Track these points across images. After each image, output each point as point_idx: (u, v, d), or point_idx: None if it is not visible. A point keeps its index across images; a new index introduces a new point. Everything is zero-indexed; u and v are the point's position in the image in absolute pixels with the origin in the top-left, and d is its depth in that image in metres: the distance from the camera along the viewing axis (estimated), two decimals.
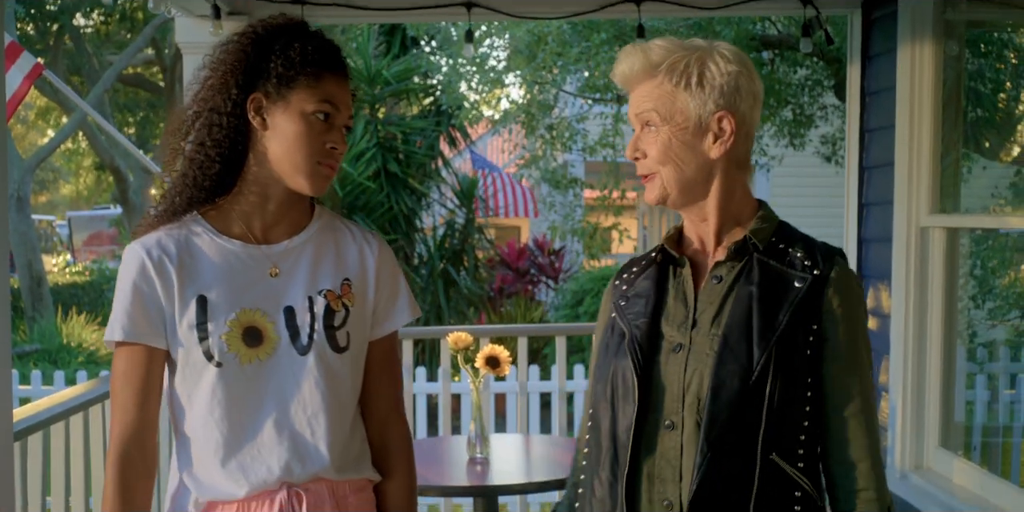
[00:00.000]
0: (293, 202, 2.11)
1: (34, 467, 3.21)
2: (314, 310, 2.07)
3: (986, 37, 4.82)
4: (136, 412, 2.01)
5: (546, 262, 14.64)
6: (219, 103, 2.02)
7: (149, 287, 2.01)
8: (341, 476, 2.08)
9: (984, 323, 4.94)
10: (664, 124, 1.87)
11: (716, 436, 1.80)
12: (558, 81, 9.65)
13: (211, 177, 2.03)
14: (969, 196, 4.43)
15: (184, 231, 2.05)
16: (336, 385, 2.08)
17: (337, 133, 2.06)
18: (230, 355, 2.00)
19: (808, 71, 9.43)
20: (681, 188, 1.89)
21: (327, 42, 2.07)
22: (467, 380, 4.05)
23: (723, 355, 1.83)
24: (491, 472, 3.83)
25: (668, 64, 1.86)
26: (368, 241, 2.19)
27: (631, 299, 1.99)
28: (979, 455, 4.74)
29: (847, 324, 1.86)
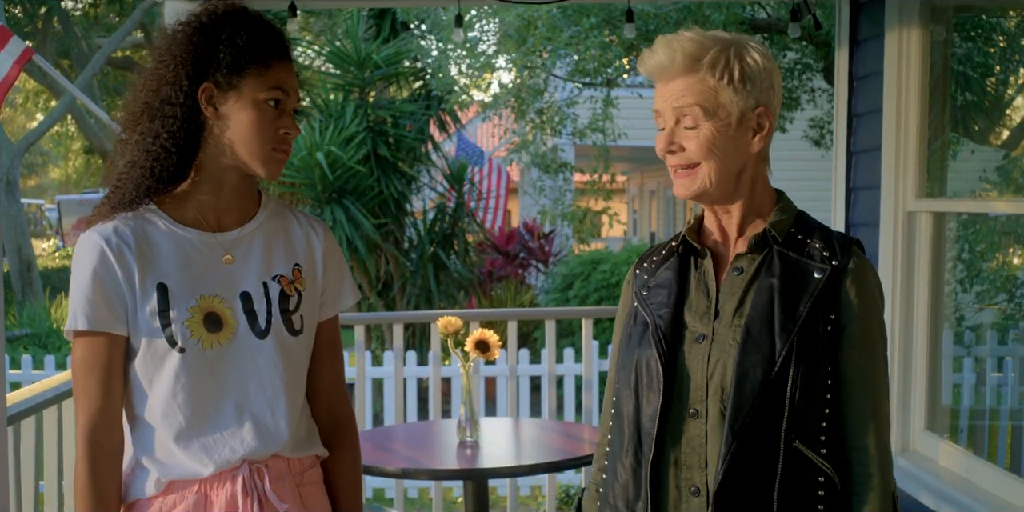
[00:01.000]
0: (245, 189, 2.16)
1: (27, 452, 3.23)
2: (269, 295, 2.13)
3: (974, 21, 4.83)
4: (103, 400, 2.04)
5: (536, 246, 14.66)
6: (170, 94, 2.04)
7: (110, 275, 2.02)
8: (296, 454, 2.16)
9: (972, 307, 4.97)
10: (708, 119, 1.89)
11: (740, 425, 1.84)
12: (548, 65, 9.65)
13: (168, 167, 2.05)
14: (957, 180, 4.45)
15: (140, 220, 2.07)
16: (293, 367, 2.15)
17: (288, 118, 2.10)
18: (192, 341, 2.04)
19: (797, 55, 9.45)
20: (721, 182, 1.92)
21: (272, 29, 2.11)
22: (457, 364, 4.08)
23: (746, 346, 1.87)
24: (481, 455, 3.86)
25: (710, 59, 1.88)
26: (314, 227, 2.26)
27: (653, 289, 2.03)
28: (966, 438, 4.77)
29: (864, 313, 1.90)
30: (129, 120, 2.09)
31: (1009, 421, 5.03)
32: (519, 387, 7.21)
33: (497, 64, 10.15)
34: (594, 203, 11.11)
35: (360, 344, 5.49)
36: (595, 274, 11.46)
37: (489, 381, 8.74)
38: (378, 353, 10.08)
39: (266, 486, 2.08)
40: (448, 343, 3.93)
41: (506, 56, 9.71)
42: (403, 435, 4.36)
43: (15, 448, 3.08)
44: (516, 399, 5.83)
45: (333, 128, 10.22)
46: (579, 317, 6.37)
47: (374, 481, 6.81)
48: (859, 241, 1.98)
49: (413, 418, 7.29)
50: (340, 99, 10.86)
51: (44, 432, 3.38)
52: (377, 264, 10.68)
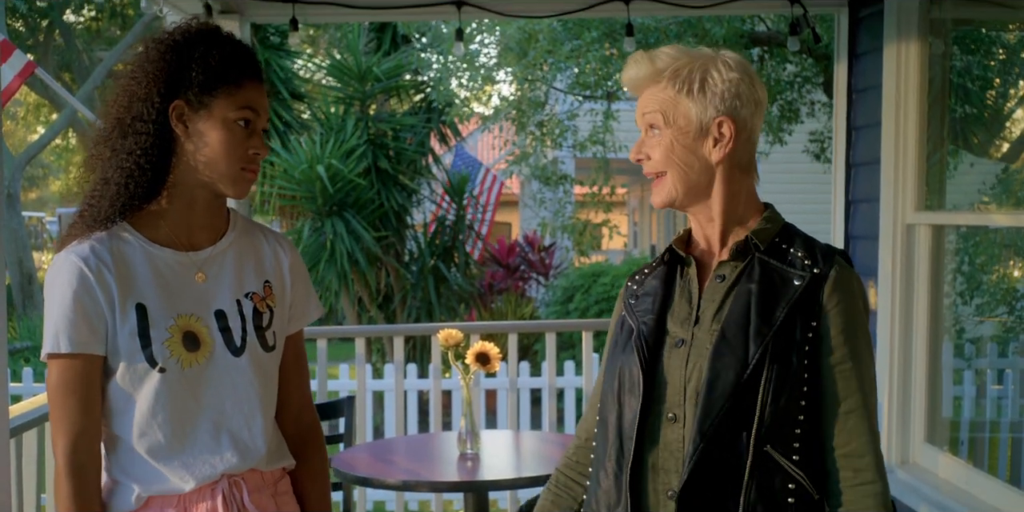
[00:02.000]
0: (216, 207, 2.17)
1: (29, 465, 3.23)
2: (243, 313, 2.15)
3: (973, 35, 4.85)
4: (84, 421, 2.03)
5: (536, 259, 14.67)
6: (142, 111, 2.05)
7: (90, 296, 2.01)
8: (270, 466, 2.18)
9: (972, 319, 4.97)
10: (667, 128, 1.95)
11: (709, 427, 1.85)
12: (548, 78, 9.66)
13: (142, 184, 2.06)
14: (956, 193, 4.46)
15: (114, 240, 2.07)
16: (267, 382, 2.18)
17: (258, 138, 2.11)
18: (172, 360, 2.04)
19: (797, 68, 9.45)
20: (686, 190, 1.97)
21: (244, 48, 2.12)
22: (457, 376, 4.08)
23: (720, 348, 1.89)
24: (481, 468, 3.86)
25: (672, 70, 1.95)
26: (280, 243, 2.28)
27: (640, 298, 2.07)
28: (966, 450, 4.77)
29: (846, 321, 1.91)
30: (100, 135, 2.10)
31: (1009, 433, 5.03)
32: (520, 400, 7.21)
33: (498, 77, 10.17)
34: (594, 215, 11.10)
35: (361, 357, 5.49)
36: (595, 287, 11.47)
37: (490, 394, 8.73)
38: (379, 366, 10.09)
39: (245, 498, 2.10)
40: (449, 356, 3.94)
41: (507, 69, 9.73)
42: (404, 447, 4.36)
43: (17, 460, 3.09)
44: (517, 412, 5.83)
45: (334, 141, 10.24)
46: (579, 330, 6.38)
47: (375, 493, 6.80)
48: (844, 252, 2.00)
49: (414, 430, 7.29)
50: (341, 112, 10.88)
51: (46, 444, 3.38)
52: (378, 277, 10.69)
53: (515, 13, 4.98)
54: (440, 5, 4.56)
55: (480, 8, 4.59)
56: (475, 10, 4.60)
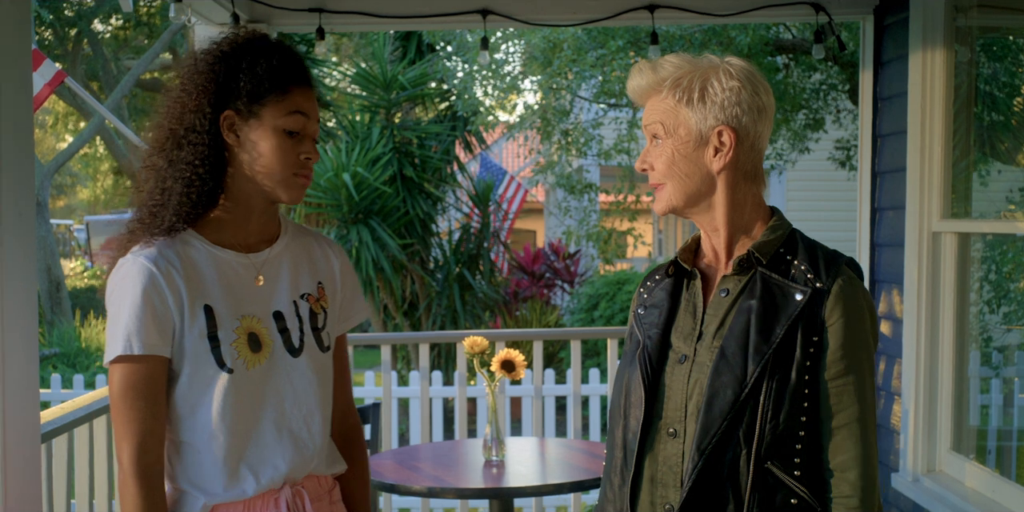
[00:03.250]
0: (271, 213, 2.21)
1: (59, 470, 3.26)
2: (300, 314, 2.18)
3: (1000, 42, 4.83)
4: (152, 424, 2.04)
5: (561, 266, 14.67)
6: (194, 122, 2.08)
7: (160, 299, 2.04)
8: (328, 471, 2.22)
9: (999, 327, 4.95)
10: (668, 137, 1.95)
11: (707, 445, 1.86)
12: (573, 87, 9.68)
13: (203, 193, 2.09)
14: (983, 200, 4.44)
15: (179, 243, 2.10)
16: (324, 383, 2.21)
17: (309, 143, 2.13)
18: (239, 362, 2.08)
19: (823, 76, 9.44)
20: (686, 200, 1.97)
21: (292, 55, 2.14)
22: (483, 384, 4.10)
23: (719, 367, 1.89)
24: (507, 475, 3.87)
25: (673, 80, 1.95)
26: (330, 245, 2.33)
27: (648, 309, 2.06)
28: (993, 459, 4.74)
29: (846, 336, 1.89)
30: (155, 145, 2.13)
31: None
32: (544, 407, 7.22)
33: (523, 85, 10.19)
34: (619, 224, 11.11)
35: (387, 364, 5.51)
36: (620, 294, 11.47)
37: (515, 401, 8.75)
38: (404, 373, 10.11)
39: (307, 506, 2.12)
40: (474, 363, 3.95)
41: (532, 77, 9.76)
42: (429, 454, 4.38)
43: (47, 466, 3.12)
44: (542, 419, 5.83)
45: (359, 149, 10.28)
46: (604, 337, 6.37)
47: (400, 500, 6.82)
48: (851, 260, 1.98)
49: (439, 438, 7.30)
50: (366, 120, 10.93)
51: (76, 450, 3.41)
52: (403, 284, 10.72)
53: (540, 22, 5.00)
54: (465, 14, 4.59)
55: (505, 17, 4.61)
56: (500, 19, 4.62)
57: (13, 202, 2.44)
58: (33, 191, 2.56)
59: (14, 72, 2.46)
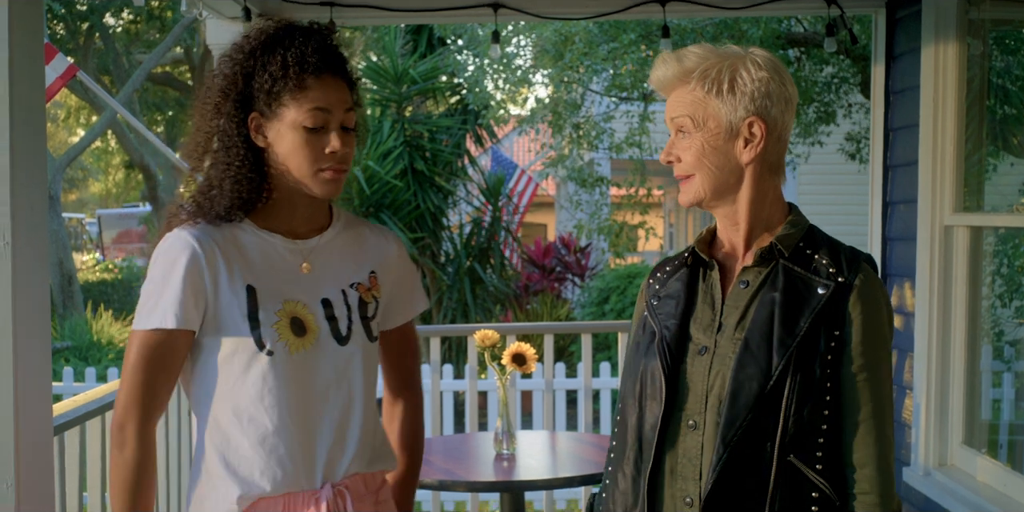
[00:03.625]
0: (317, 205, 2.19)
1: (71, 463, 3.27)
2: (348, 302, 2.16)
3: (1013, 35, 4.82)
4: (160, 391, 2.08)
5: (572, 260, 14.67)
6: (226, 126, 2.09)
7: (198, 275, 2.04)
8: (371, 467, 2.18)
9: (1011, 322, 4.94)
10: (697, 130, 1.92)
11: (732, 437, 1.85)
12: (584, 80, 9.67)
13: (251, 189, 2.10)
14: (995, 194, 4.43)
15: (228, 224, 2.11)
16: (369, 373, 2.19)
17: (333, 136, 2.08)
18: (280, 344, 2.06)
19: (835, 69, 9.42)
20: (715, 191, 1.95)
21: (309, 43, 2.08)
22: (494, 377, 4.09)
23: (743, 359, 1.88)
24: (517, 468, 3.88)
25: (700, 71, 1.92)
26: (384, 235, 2.31)
27: (663, 299, 2.04)
28: (1005, 453, 4.74)
29: (867, 331, 1.90)
30: (195, 150, 2.14)
31: None
32: (555, 400, 7.22)
33: (534, 79, 10.19)
34: (630, 217, 11.10)
35: None
36: (631, 288, 11.46)
37: (525, 395, 8.75)
38: None
39: (348, 508, 2.09)
40: (485, 356, 3.96)
41: (543, 71, 9.75)
42: (440, 447, 4.38)
43: (59, 459, 3.12)
44: (552, 412, 5.84)
45: (370, 143, 10.30)
46: (615, 331, 6.39)
47: None
48: (869, 257, 1.98)
49: (450, 431, 7.31)
50: (377, 114, 10.93)
51: (88, 443, 3.42)
52: None
53: (551, 15, 5.00)
54: (476, 7, 4.58)
55: (516, 10, 4.61)
56: (511, 12, 4.61)
57: (26, 196, 2.45)
58: (45, 185, 2.57)
59: (26, 66, 2.47)
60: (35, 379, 2.49)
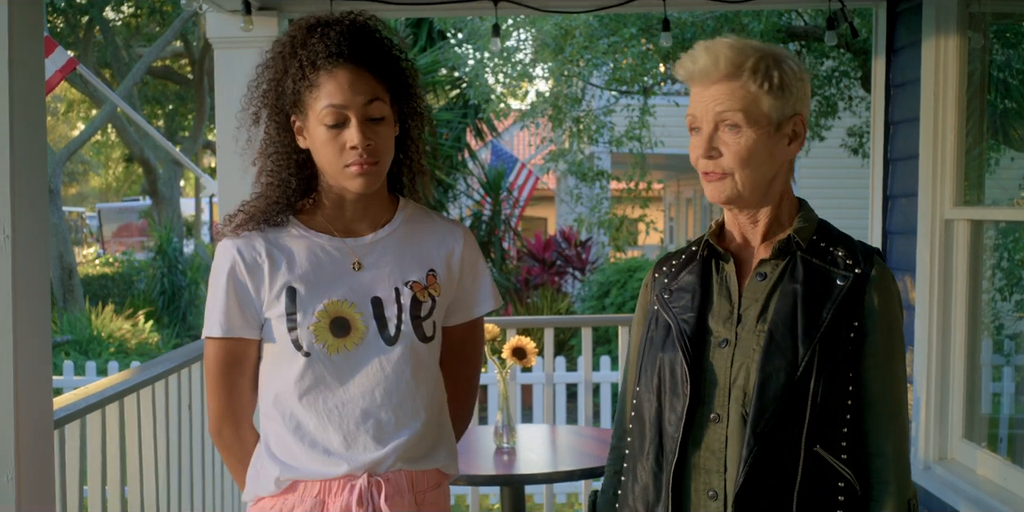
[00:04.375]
0: (369, 199, 2.17)
1: (72, 456, 3.27)
2: (401, 301, 2.13)
3: (1013, 28, 4.81)
4: (234, 397, 2.16)
5: (572, 254, 14.67)
6: (270, 131, 2.12)
7: (241, 283, 2.09)
8: (419, 466, 2.15)
9: (1011, 315, 4.94)
10: (750, 126, 1.89)
11: (763, 429, 1.86)
12: (585, 74, 9.66)
13: (294, 191, 2.13)
14: (996, 188, 4.43)
15: (274, 227, 2.13)
16: (420, 373, 2.15)
17: (351, 130, 2.04)
18: (318, 345, 2.07)
19: (835, 63, 9.42)
20: (754, 188, 1.93)
21: (326, 38, 2.05)
22: (494, 371, 4.10)
23: (769, 350, 1.88)
24: (518, 462, 3.88)
25: (751, 65, 1.89)
26: (452, 231, 2.26)
27: (675, 292, 2.03)
28: (1005, 447, 4.74)
29: (886, 321, 1.91)
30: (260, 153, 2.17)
31: None
32: (555, 394, 7.22)
33: (534, 73, 10.18)
34: (630, 211, 11.10)
35: None
36: (631, 282, 11.46)
37: (525, 388, 8.76)
38: None
39: (380, 500, 2.08)
40: (485, 350, 3.96)
41: (543, 65, 9.74)
42: None
43: (60, 453, 3.12)
44: (552, 406, 5.84)
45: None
46: (615, 324, 6.38)
47: None
48: (880, 250, 2.00)
49: None
50: None
51: (88, 436, 3.42)
52: None
53: (552, 9, 4.98)
54: (477, 1, 4.57)
55: (517, 4, 4.60)
56: (512, 6, 4.61)
57: (26, 189, 2.45)
58: (46, 178, 2.56)
59: (26, 60, 2.47)
60: (35, 373, 2.49)
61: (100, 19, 19.66)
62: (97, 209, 29.70)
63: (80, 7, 19.14)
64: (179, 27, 17.90)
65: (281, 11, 4.53)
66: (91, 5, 19.03)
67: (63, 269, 17.04)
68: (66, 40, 19.09)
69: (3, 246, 2.40)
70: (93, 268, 21.07)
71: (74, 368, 8.96)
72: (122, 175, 31.46)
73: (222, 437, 2.18)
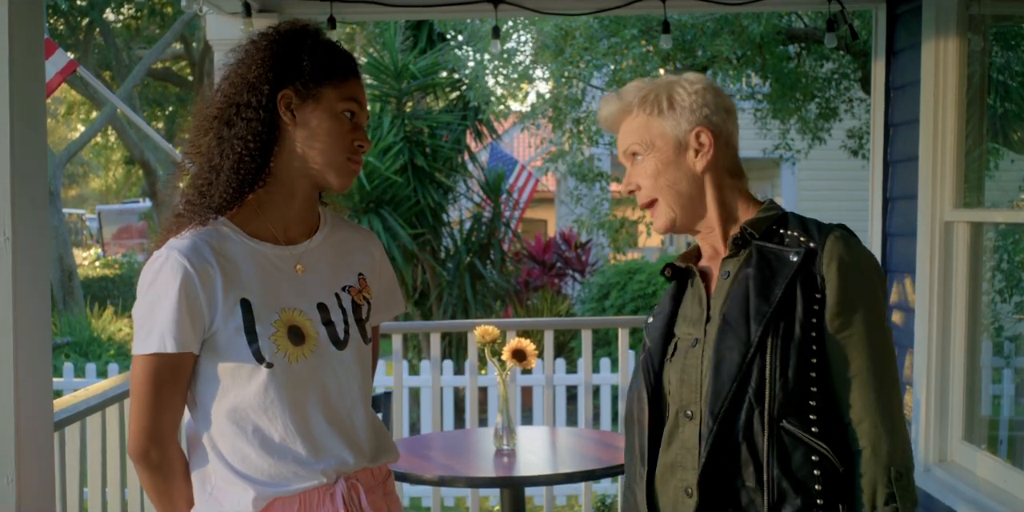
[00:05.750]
0: (313, 200, 2.19)
1: (72, 458, 3.27)
2: (343, 306, 2.16)
3: (1013, 31, 4.81)
4: (169, 415, 2.05)
5: (572, 256, 14.67)
6: (250, 99, 2.06)
7: (194, 296, 2.00)
8: (377, 462, 2.19)
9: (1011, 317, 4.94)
10: (647, 152, 2.01)
11: (720, 408, 1.88)
12: (585, 76, 9.67)
13: (251, 170, 2.06)
14: (995, 190, 4.43)
15: (215, 235, 2.07)
16: (366, 374, 2.20)
17: (362, 131, 2.14)
18: (279, 355, 2.04)
19: (835, 65, 9.42)
20: (682, 207, 2.02)
21: (344, 50, 2.17)
22: (494, 373, 4.10)
23: (723, 332, 1.93)
24: (518, 464, 3.88)
25: (639, 99, 2.02)
26: (368, 236, 2.32)
27: (655, 317, 2.13)
28: (1005, 449, 4.74)
29: (843, 288, 1.91)
30: (204, 125, 2.10)
31: None
32: (555, 396, 7.23)
33: (534, 75, 10.18)
34: (630, 213, 11.10)
35: (397, 353, 5.52)
36: (631, 284, 11.46)
37: (525, 390, 8.76)
38: (415, 362, 10.13)
39: (363, 500, 2.10)
40: (485, 352, 3.96)
41: (543, 66, 9.74)
42: (440, 443, 4.39)
43: (60, 455, 3.13)
44: (552, 408, 5.84)
45: (370, 138, 10.28)
46: (615, 327, 6.38)
47: (411, 489, 6.84)
48: (843, 225, 2.00)
49: (450, 427, 7.32)
50: (377, 110, 10.92)
51: (88, 439, 3.42)
52: (414, 274, 10.73)
53: (552, 10, 4.99)
54: (477, 3, 4.57)
55: (517, 6, 4.60)
56: (512, 8, 4.61)
57: (26, 191, 2.45)
58: (46, 180, 2.57)
59: (27, 61, 2.47)
60: (36, 374, 2.50)
61: (100, 21, 19.65)
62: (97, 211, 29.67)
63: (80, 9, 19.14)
64: (179, 29, 17.90)
65: (281, 13, 4.54)
66: (91, 7, 19.02)
67: (63, 271, 17.04)
68: (66, 42, 19.09)
69: (3, 248, 2.41)
70: (93, 270, 21.06)
71: (74, 370, 8.95)
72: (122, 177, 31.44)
73: (148, 458, 2.05)
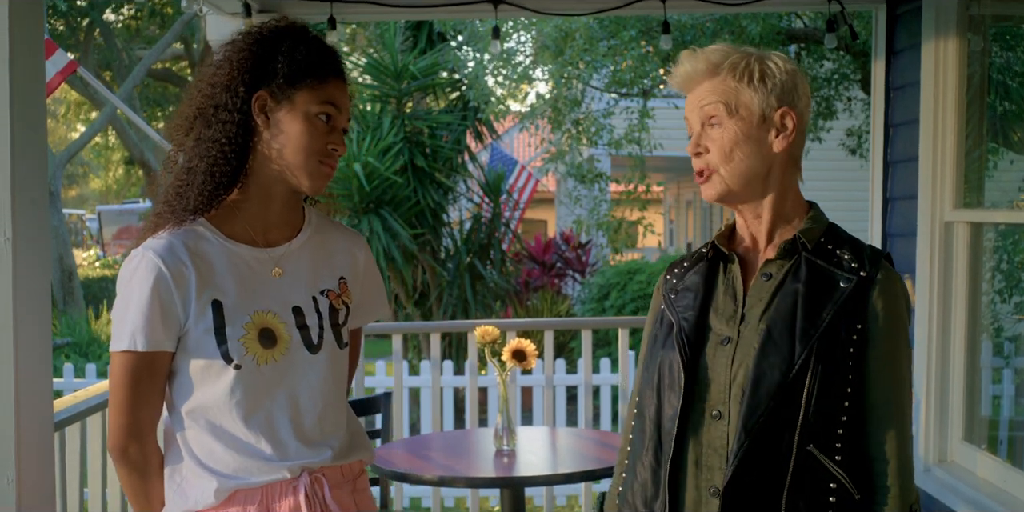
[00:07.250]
0: (292, 203, 2.18)
1: (72, 458, 3.27)
2: (319, 309, 2.16)
3: (1013, 31, 4.81)
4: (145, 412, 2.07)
5: (572, 256, 14.67)
6: (225, 100, 2.06)
7: (167, 296, 2.02)
8: (347, 459, 2.19)
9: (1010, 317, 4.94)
10: (730, 118, 1.93)
11: (754, 425, 1.86)
12: (585, 76, 9.67)
13: (226, 173, 2.07)
14: (995, 190, 4.43)
15: (192, 236, 2.08)
16: (339, 378, 2.20)
17: (338, 135, 2.12)
18: (248, 357, 2.05)
19: (835, 65, 9.42)
20: (744, 182, 1.95)
21: (329, 47, 2.15)
22: (494, 373, 4.10)
23: (766, 347, 1.89)
24: (518, 464, 3.88)
25: (730, 62, 1.94)
26: (355, 240, 2.31)
27: (680, 292, 2.06)
28: (1005, 449, 4.74)
29: (890, 326, 1.91)
30: (181, 126, 2.11)
31: None
32: (555, 397, 7.22)
33: (534, 75, 10.18)
34: (630, 213, 11.11)
35: (397, 353, 5.52)
36: (631, 284, 11.46)
37: (525, 391, 8.76)
38: (415, 362, 10.13)
39: (326, 495, 2.11)
40: (485, 352, 3.96)
41: (543, 67, 9.74)
42: (440, 443, 4.39)
43: (60, 455, 3.13)
44: (552, 409, 5.84)
45: (370, 139, 10.28)
46: (615, 327, 6.38)
47: (411, 490, 6.84)
48: (889, 255, 1.99)
49: (450, 427, 7.32)
50: (377, 110, 10.92)
51: (88, 439, 3.42)
52: (414, 274, 10.73)
53: (552, 11, 4.99)
54: (477, 3, 4.57)
55: (517, 6, 4.60)
56: (512, 8, 4.61)
57: (26, 192, 2.45)
58: (46, 181, 2.57)
59: (27, 62, 2.47)
60: (36, 375, 2.50)
61: (100, 21, 19.65)
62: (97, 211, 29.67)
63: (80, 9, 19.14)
64: (179, 29, 17.90)
65: (281, 13, 4.52)
66: (91, 7, 19.03)
67: (63, 271, 17.04)
68: (66, 42, 19.09)
69: (4, 248, 2.41)
70: (93, 270, 21.06)
71: (74, 370, 8.94)
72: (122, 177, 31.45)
73: (127, 454, 2.07)
